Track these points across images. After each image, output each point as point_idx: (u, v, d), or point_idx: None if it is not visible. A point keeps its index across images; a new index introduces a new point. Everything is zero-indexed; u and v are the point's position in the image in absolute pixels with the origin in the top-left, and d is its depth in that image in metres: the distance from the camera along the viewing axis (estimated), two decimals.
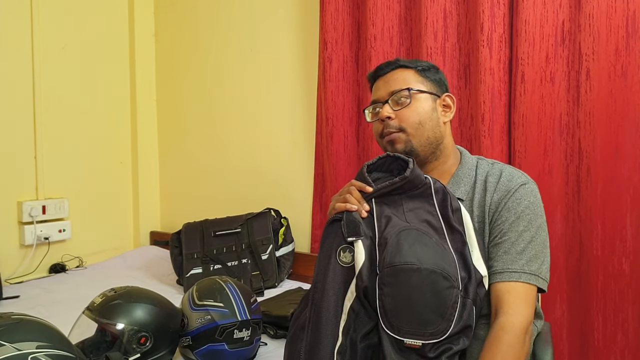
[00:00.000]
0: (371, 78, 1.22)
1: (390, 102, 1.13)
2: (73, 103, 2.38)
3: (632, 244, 1.45)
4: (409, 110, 1.12)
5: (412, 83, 1.14)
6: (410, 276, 0.84)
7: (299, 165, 2.20)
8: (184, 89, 2.61)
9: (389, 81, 1.16)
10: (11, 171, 2.19)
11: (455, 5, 1.70)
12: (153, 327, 1.20)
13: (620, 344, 1.48)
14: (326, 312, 0.89)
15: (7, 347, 0.91)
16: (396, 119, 1.12)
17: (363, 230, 0.91)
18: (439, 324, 0.84)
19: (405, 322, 0.84)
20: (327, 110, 1.97)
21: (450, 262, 0.88)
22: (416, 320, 0.84)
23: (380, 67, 1.20)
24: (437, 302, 0.84)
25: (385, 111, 1.12)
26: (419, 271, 0.84)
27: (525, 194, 1.06)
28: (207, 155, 2.54)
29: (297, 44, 2.19)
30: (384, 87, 1.16)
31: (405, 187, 0.95)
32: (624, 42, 1.43)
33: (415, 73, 1.16)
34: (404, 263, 0.85)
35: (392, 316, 0.85)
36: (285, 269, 2.06)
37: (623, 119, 1.45)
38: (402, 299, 0.84)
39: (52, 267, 2.28)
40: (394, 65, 1.18)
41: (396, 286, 0.85)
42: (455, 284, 0.86)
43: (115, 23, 2.56)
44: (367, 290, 0.87)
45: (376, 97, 1.17)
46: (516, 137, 1.58)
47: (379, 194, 0.96)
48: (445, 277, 0.85)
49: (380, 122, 1.15)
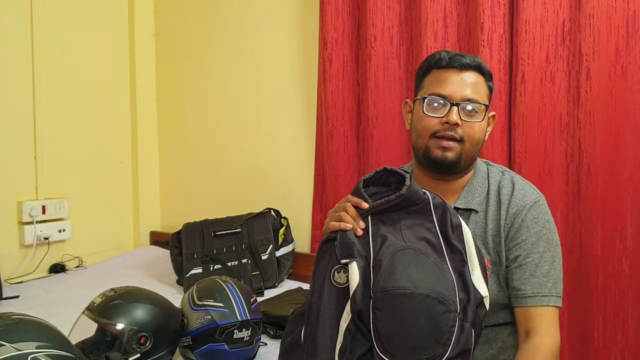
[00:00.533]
0: (442, 63, 1.09)
1: (460, 108, 1.05)
2: (73, 103, 2.38)
3: (632, 244, 1.45)
4: (477, 127, 1.07)
5: (484, 96, 1.09)
6: (403, 302, 0.81)
7: (299, 165, 2.20)
8: (184, 89, 2.61)
9: (466, 83, 1.07)
10: (11, 171, 2.19)
11: (455, 5, 1.70)
12: (153, 327, 1.20)
13: (620, 344, 1.48)
14: (322, 335, 0.86)
15: (7, 347, 0.91)
16: (460, 128, 1.05)
17: (357, 250, 0.88)
18: (434, 349, 0.81)
19: (398, 348, 0.81)
20: (327, 110, 1.97)
21: (448, 284, 0.84)
22: (410, 346, 0.81)
23: (459, 58, 1.08)
24: (433, 327, 0.81)
25: (455, 116, 1.04)
26: (413, 296, 0.80)
27: (541, 212, 1.08)
28: (207, 155, 2.54)
29: (297, 44, 2.18)
30: (459, 85, 1.06)
31: (402, 204, 0.91)
32: (624, 42, 1.43)
33: (485, 82, 1.10)
34: (397, 288, 0.81)
35: (385, 341, 0.81)
36: (285, 269, 2.06)
37: (623, 119, 1.45)
38: (396, 325, 0.81)
39: (52, 267, 2.28)
40: (473, 64, 1.08)
41: (389, 312, 0.81)
42: (452, 307, 0.82)
43: (115, 23, 2.56)
44: (362, 313, 0.84)
45: (446, 92, 1.06)
46: (516, 137, 1.58)
47: (375, 211, 0.92)
48: (442, 302, 0.81)
49: (441, 122, 1.06)
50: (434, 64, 1.10)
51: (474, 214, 1.11)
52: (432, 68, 1.11)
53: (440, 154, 1.06)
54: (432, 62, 1.11)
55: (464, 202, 1.11)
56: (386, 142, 1.85)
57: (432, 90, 1.08)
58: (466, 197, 1.11)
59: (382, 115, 1.84)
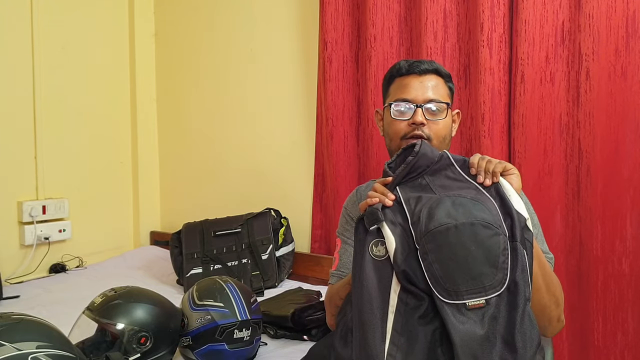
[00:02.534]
0: (402, 70, 1.18)
1: (424, 108, 1.13)
2: (73, 103, 2.38)
3: (632, 244, 1.45)
4: (441, 124, 1.15)
5: (444, 95, 1.17)
6: (449, 235, 0.82)
7: (299, 165, 2.20)
8: (184, 89, 2.61)
9: (426, 85, 1.15)
10: (11, 171, 2.19)
11: (455, 5, 1.70)
12: (153, 327, 1.20)
13: (620, 344, 1.48)
14: (369, 308, 0.85)
15: (7, 347, 0.91)
16: (426, 127, 1.13)
17: (384, 215, 0.89)
18: (494, 274, 0.81)
19: (460, 282, 0.80)
20: (327, 111, 1.97)
21: (490, 210, 0.85)
22: (470, 277, 0.80)
23: (417, 65, 1.17)
24: (485, 252, 0.81)
25: (420, 117, 1.12)
26: (456, 227, 0.82)
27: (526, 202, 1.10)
28: (207, 155, 2.54)
29: (297, 44, 2.19)
30: (420, 89, 1.15)
31: (421, 163, 0.93)
32: (624, 42, 1.43)
33: (444, 83, 1.18)
34: (439, 225, 0.83)
35: (445, 282, 0.81)
36: (285, 269, 2.06)
37: (623, 119, 1.45)
38: (449, 261, 0.81)
39: (52, 267, 2.28)
40: (431, 68, 1.17)
41: (438, 250, 0.82)
42: (499, 231, 0.83)
43: (115, 23, 2.56)
44: (407, 274, 0.84)
45: (410, 96, 1.15)
46: (516, 137, 1.58)
47: (400, 178, 0.94)
48: (486, 226, 0.82)
49: (408, 124, 1.14)
50: (395, 72, 1.20)
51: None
52: (394, 77, 1.20)
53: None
54: (394, 72, 1.21)
55: None
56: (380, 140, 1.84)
57: (397, 96, 1.17)
58: None
59: None
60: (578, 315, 1.55)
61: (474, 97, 1.65)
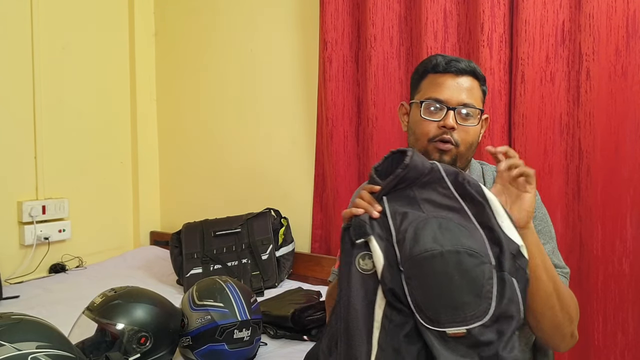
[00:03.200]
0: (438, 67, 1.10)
1: (456, 112, 1.07)
2: (73, 103, 2.38)
3: (632, 244, 1.45)
4: (471, 130, 1.09)
5: (479, 100, 1.10)
6: (433, 263, 0.80)
7: (299, 165, 2.20)
8: (184, 89, 2.61)
9: (462, 88, 1.08)
10: (11, 171, 2.19)
11: (455, 5, 1.70)
12: (153, 327, 1.20)
13: (620, 344, 1.48)
14: (355, 324, 0.83)
15: (7, 347, 0.91)
16: (456, 132, 1.07)
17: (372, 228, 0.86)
18: (477, 304, 0.78)
19: (442, 312, 0.79)
20: (327, 110, 1.97)
21: (477, 239, 0.83)
22: (452, 306, 0.79)
23: (455, 63, 1.09)
24: (469, 282, 0.79)
25: (452, 120, 1.06)
26: (441, 255, 0.80)
27: (537, 206, 1.08)
28: (207, 155, 2.54)
29: (297, 44, 2.18)
30: (455, 90, 1.08)
31: (411, 175, 0.89)
32: (624, 42, 1.43)
33: (479, 87, 1.12)
34: (424, 251, 0.81)
35: (427, 309, 0.80)
36: (285, 269, 2.06)
37: (623, 119, 1.45)
38: (432, 288, 0.80)
39: (52, 267, 2.28)
40: (468, 69, 1.09)
41: (422, 277, 0.80)
42: (485, 259, 0.81)
43: (115, 23, 2.56)
44: (394, 292, 0.82)
45: (443, 96, 1.07)
46: (516, 137, 1.58)
47: (388, 189, 0.90)
48: (471, 254, 0.80)
49: (438, 126, 1.07)
50: (430, 68, 1.12)
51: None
52: (428, 72, 1.12)
53: (438, 158, 1.07)
54: (428, 67, 1.12)
55: None
56: (386, 142, 1.85)
57: (429, 95, 1.09)
58: None
59: (382, 115, 1.84)
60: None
61: None
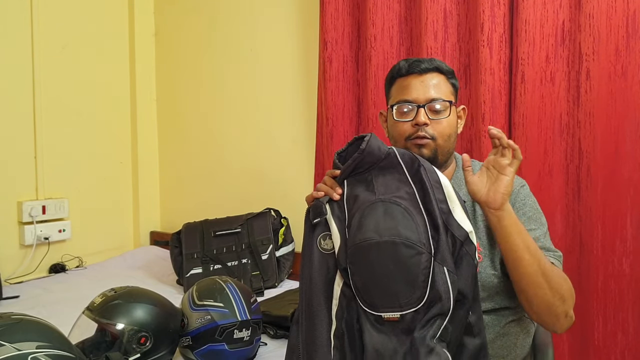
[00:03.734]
0: (402, 71, 1.16)
1: (426, 108, 1.12)
2: (73, 103, 2.38)
3: (632, 244, 1.45)
4: (445, 123, 1.13)
5: (447, 93, 1.15)
6: (369, 251, 0.83)
7: (299, 165, 2.20)
8: (184, 88, 2.61)
9: (427, 85, 1.14)
10: (11, 171, 2.19)
11: (456, 5, 1.70)
12: (153, 327, 1.20)
13: (620, 344, 1.48)
14: (317, 299, 0.89)
15: (7, 347, 0.91)
16: (430, 127, 1.12)
17: (332, 210, 0.91)
18: (411, 292, 0.81)
19: (377, 298, 0.83)
20: (327, 110, 1.97)
21: (416, 228, 0.85)
22: (386, 293, 0.82)
23: (417, 64, 1.15)
24: (404, 272, 0.82)
25: (423, 117, 1.11)
26: (378, 245, 0.83)
27: (526, 195, 1.14)
28: (207, 155, 2.54)
29: (297, 44, 2.18)
30: (421, 88, 1.13)
31: (368, 160, 0.93)
32: (624, 42, 1.43)
33: (447, 80, 1.17)
34: (364, 240, 0.84)
35: (364, 294, 0.84)
36: (285, 269, 2.06)
37: (623, 119, 1.45)
38: (368, 276, 0.84)
39: (52, 267, 2.28)
40: (431, 66, 1.15)
41: (360, 264, 0.84)
42: (422, 250, 0.83)
43: (115, 23, 2.56)
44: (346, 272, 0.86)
45: (411, 97, 1.13)
46: (516, 137, 1.58)
47: (347, 173, 0.94)
48: (409, 246, 0.82)
49: (412, 125, 1.13)
50: (396, 73, 1.18)
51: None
52: (395, 78, 1.19)
53: (417, 152, 1.12)
54: (394, 73, 1.19)
55: None
56: (385, 142, 1.83)
57: (399, 98, 1.15)
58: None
59: None
60: (578, 315, 1.54)
61: (474, 97, 1.65)
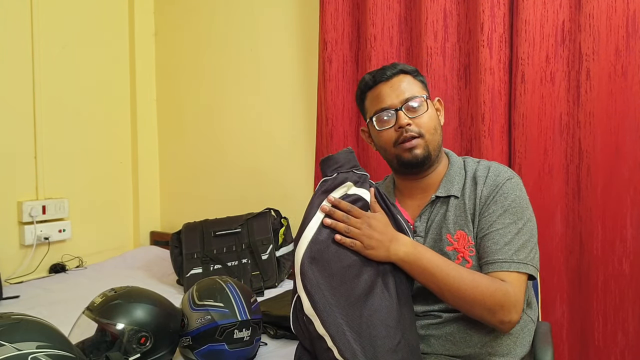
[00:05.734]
0: (369, 84, 1.20)
1: (404, 109, 1.14)
2: (73, 103, 2.38)
3: (632, 244, 1.45)
4: (426, 117, 1.15)
5: (419, 90, 1.18)
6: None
7: (299, 165, 2.20)
8: (184, 88, 2.61)
9: (397, 88, 1.16)
10: (11, 171, 2.19)
11: (455, 5, 1.70)
12: (153, 327, 1.20)
13: (620, 344, 1.48)
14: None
15: (7, 347, 0.91)
16: (413, 125, 1.14)
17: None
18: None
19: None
20: (327, 110, 1.97)
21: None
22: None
23: (382, 73, 1.19)
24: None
25: (404, 119, 1.13)
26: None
27: (511, 187, 1.12)
28: (207, 155, 2.54)
29: (297, 44, 2.18)
30: (393, 93, 1.16)
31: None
32: (624, 42, 1.43)
33: (414, 79, 1.19)
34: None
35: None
36: (286, 269, 2.06)
37: (623, 119, 1.45)
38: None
39: (52, 267, 2.28)
40: (395, 70, 1.18)
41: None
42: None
43: (115, 23, 2.56)
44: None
45: (386, 104, 1.16)
46: (516, 137, 1.58)
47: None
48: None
49: (395, 130, 1.15)
50: (364, 87, 1.22)
51: (453, 199, 1.16)
52: (365, 92, 1.22)
53: (410, 155, 1.14)
54: (362, 88, 1.23)
55: (444, 190, 1.18)
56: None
57: (375, 108, 1.18)
58: (445, 186, 1.18)
59: None
60: (578, 315, 1.55)
61: (474, 97, 1.65)
